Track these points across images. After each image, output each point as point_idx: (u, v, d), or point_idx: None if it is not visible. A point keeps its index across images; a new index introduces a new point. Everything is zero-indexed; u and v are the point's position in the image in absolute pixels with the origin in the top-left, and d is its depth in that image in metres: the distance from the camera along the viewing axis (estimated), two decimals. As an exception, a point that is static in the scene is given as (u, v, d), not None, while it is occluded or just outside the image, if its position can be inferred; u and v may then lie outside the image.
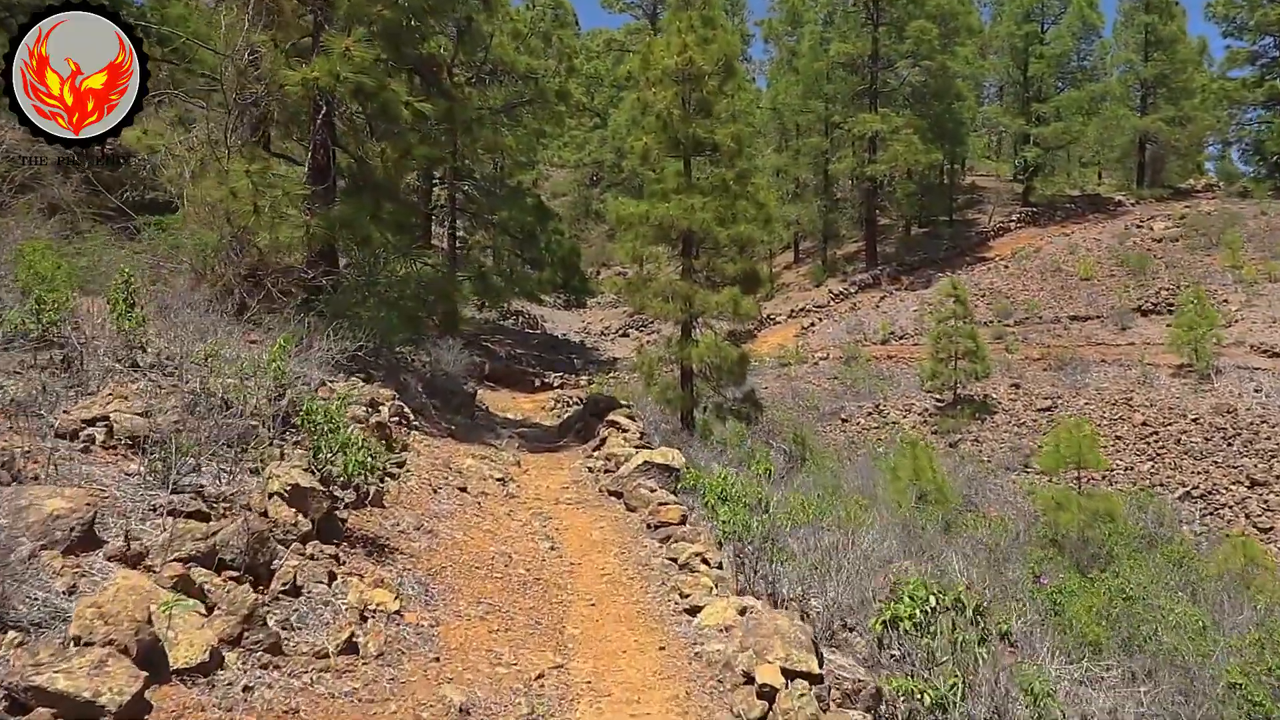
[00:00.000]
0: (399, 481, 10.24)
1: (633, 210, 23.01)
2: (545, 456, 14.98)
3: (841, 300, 44.43)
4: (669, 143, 23.61)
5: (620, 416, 15.24)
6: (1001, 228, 48.50)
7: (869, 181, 45.07)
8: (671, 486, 11.76)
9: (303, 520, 6.97)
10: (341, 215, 13.40)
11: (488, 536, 9.49)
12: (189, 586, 5.04)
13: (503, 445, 15.09)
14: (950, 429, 31.29)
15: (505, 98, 35.86)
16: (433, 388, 17.17)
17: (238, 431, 8.56)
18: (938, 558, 15.30)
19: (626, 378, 34.02)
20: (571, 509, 11.45)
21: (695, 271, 23.68)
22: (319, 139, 14.92)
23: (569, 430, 17.45)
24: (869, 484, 22.57)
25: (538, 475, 13.33)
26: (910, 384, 34.64)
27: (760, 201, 24.94)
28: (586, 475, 13.27)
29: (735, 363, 23.19)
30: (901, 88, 46.65)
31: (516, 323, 45.13)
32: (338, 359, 13.46)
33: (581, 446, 15.74)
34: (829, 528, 13.63)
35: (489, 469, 12.66)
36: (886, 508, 20.24)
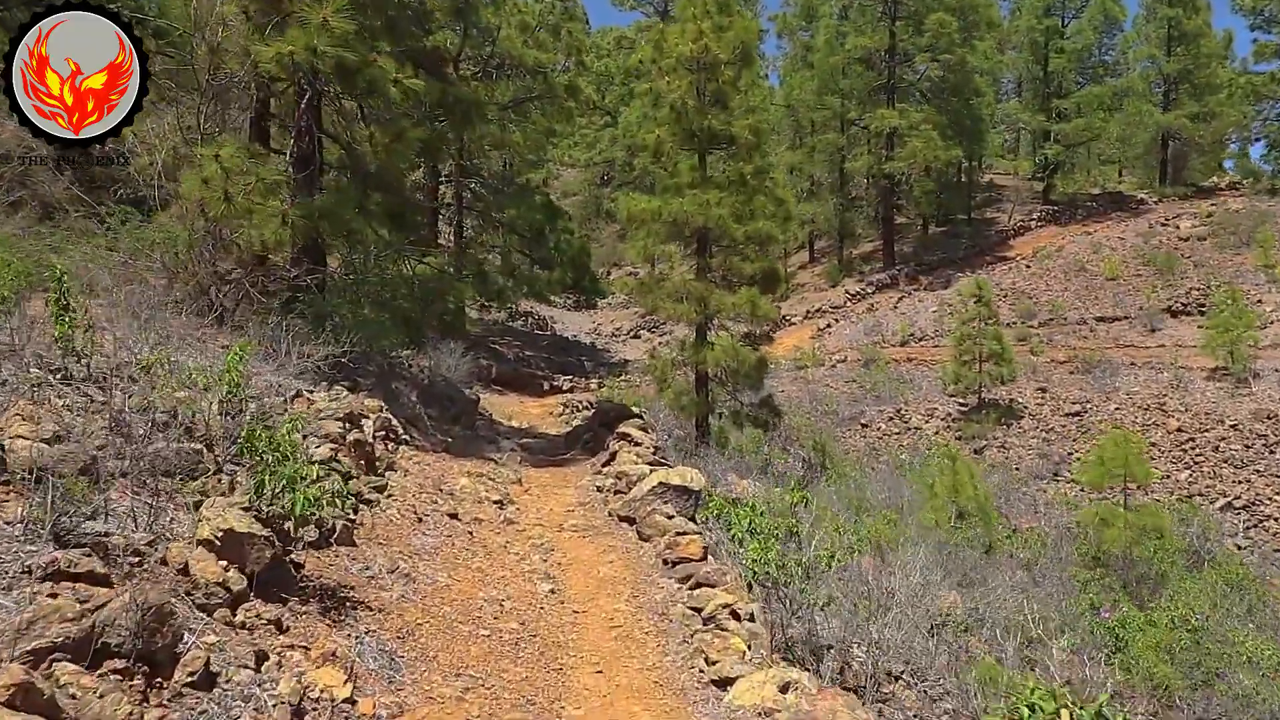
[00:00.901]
0: (377, 510, 8.78)
1: (644, 206, 21.59)
2: (550, 472, 13.50)
3: (858, 301, 42.85)
4: (683, 135, 22.20)
5: (632, 428, 13.75)
6: (1021, 226, 46.84)
7: (886, 179, 43.45)
8: (690, 511, 10.27)
9: (234, 576, 5.51)
10: (323, 206, 11.94)
11: (477, 577, 8.01)
12: (35, 699, 3.57)
13: (504, 459, 13.62)
14: (975, 435, 29.72)
15: (514, 93, 34.49)
16: (430, 395, 15.71)
17: (178, 458, 7.11)
18: (983, 584, 13.81)
19: (638, 381, 32.56)
20: (577, 538, 9.97)
21: (710, 271, 22.26)
22: (303, 125, 13.47)
23: (577, 441, 15.98)
24: (895, 495, 21.06)
25: (541, 495, 11.85)
26: (932, 387, 33.08)
27: (779, 197, 23.45)
28: (595, 495, 11.79)
29: (753, 366, 21.74)
30: (919, 83, 45.00)
31: (525, 324, 43.69)
32: (319, 366, 12.04)
33: (590, 460, 14.26)
34: (862, 549, 12.18)
35: (486, 489, 11.19)
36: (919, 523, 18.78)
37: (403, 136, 12.67)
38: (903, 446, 29.74)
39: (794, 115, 49.24)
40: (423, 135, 13.08)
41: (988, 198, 51.55)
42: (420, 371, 17.63)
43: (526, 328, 42.99)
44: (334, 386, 12.23)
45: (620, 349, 41.76)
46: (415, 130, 13.02)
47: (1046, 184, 48.86)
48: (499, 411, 24.03)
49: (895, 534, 16.46)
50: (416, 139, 13.03)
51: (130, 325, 11.35)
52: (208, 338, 12.44)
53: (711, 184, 21.70)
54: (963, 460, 15.75)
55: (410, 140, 12.89)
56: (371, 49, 12.48)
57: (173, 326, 11.62)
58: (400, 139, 12.66)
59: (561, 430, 20.37)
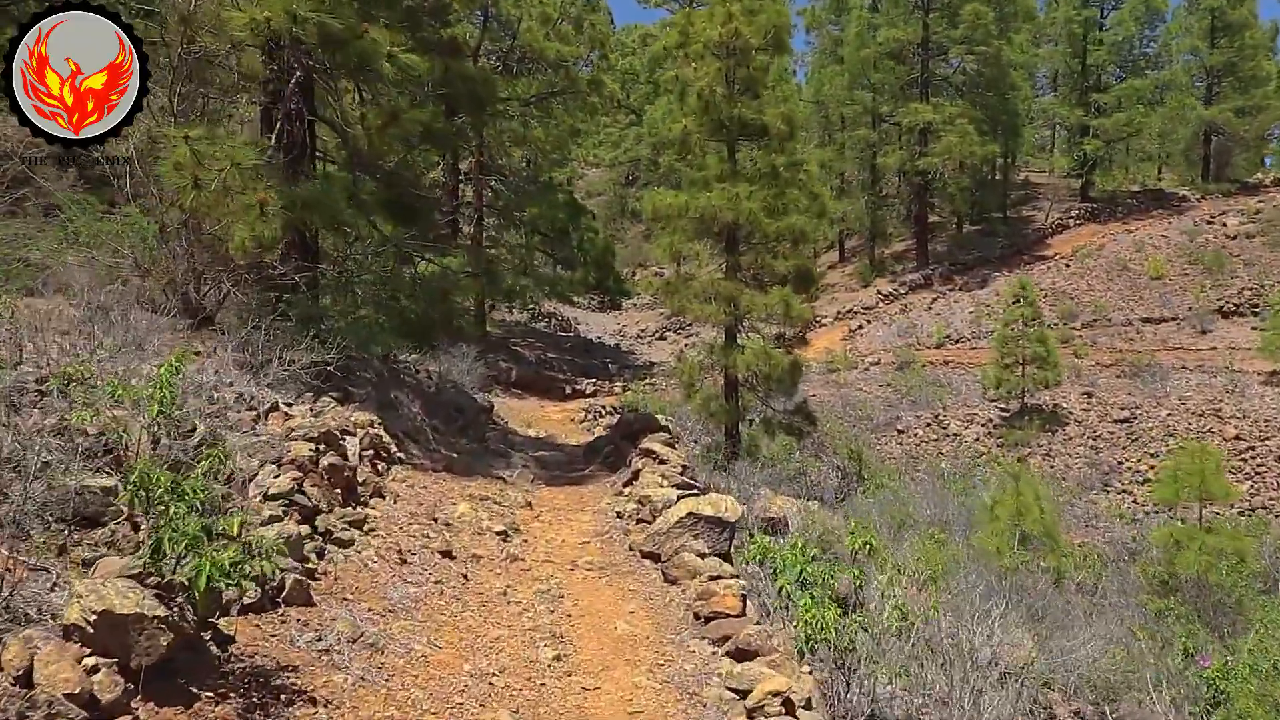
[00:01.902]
0: (351, 552, 7.21)
1: (671, 201, 20.03)
2: (566, 493, 11.90)
3: (891, 301, 41.00)
4: (711, 126, 20.62)
5: (657, 443, 12.11)
6: (1059, 225, 44.78)
7: (920, 176, 41.53)
8: (724, 546, 8.64)
9: (106, 680, 3.95)
10: (308, 195, 10.40)
11: (465, 641, 6.41)
12: None
13: (514, 477, 12.04)
14: (1018, 442, 27.87)
15: (536, 89, 33.02)
16: (435, 404, 14.16)
17: (82, 500, 5.57)
18: (1055, 620, 12.10)
19: (664, 384, 30.96)
20: (592, 579, 8.36)
21: (740, 269, 20.65)
22: (293, 107, 11.96)
23: (597, 455, 14.38)
24: (940, 509, 19.32)
25: (553, 522, 10.25)
26: (971, 392, 31.23)
27: (813, 191, 21.81)
28: (614, 523, 10.17)
29: (786, 371, 20.08)
30: (954, 76, 43.07)
31: (549, 325, 42.18)
32: (304, 375, 10.51)
33: (610, 478, 12.66)
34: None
35: (489, 516, 9.60)
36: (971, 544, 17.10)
37: (398, 119, 11.11)
38: (942, 454, 27.96)
39: (823, 111, 47.39)
40: (423, 117, 11.49)
41: (1023, 195, 49.46)
42: (428, 378, 16.10)
43: (549, 329, 41.49)
44: (321, 398, 10.70)
45: (646, 351, 40.17)
46: (414, 112, 11.44)
47: (1085, 181, 46.73)
48: (516, 418, 22.49)
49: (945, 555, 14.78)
50: (415, 122, 11.45)
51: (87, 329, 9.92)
52: (181, 343, 10.95)
53: (741, 177, 20.13)
54: (1028, 478, 13.99)
55: (408, 123, 11.33)
56: (366, 18, 10.95)
57: (142, 331, 10.15)
58: (395, 121, 11.10)
59: (582, 440, 18.81)
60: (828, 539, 13.80)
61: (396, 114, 11.23)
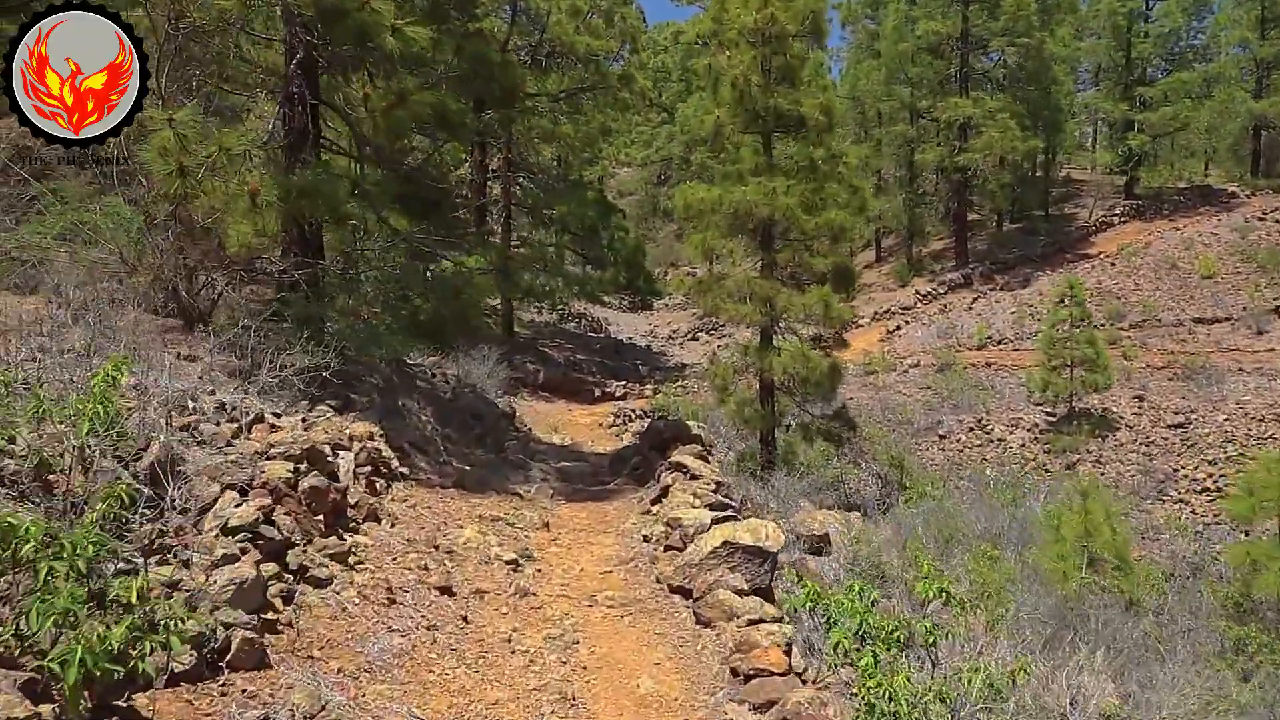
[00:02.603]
0: (328, 592, 6.09)
1: (703, 196, 18.84)
2: (588, 510, 10.73)
3: (930, 301, 39.50)
4: (745, 117, 19.41)
5: (688, 456, 10.92)
6: (1103, 222, 43.01)
7: (959, 172, 39.95)
8: (765, 580, 7.45)
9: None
10: (303, 184, 9.31)
11: (454, 711, 5.26)
12: None
13: (532, 492, 10.90)
14: (1066, 448, 26.40)
15: (566, 85, 31.94)
16: (450, 411, 13.06)
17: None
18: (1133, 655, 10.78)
19: (696, 386, 29.73)
20: (613, 618, 7.19)
21: (777, 267, 19.42)
22: (294, 90, 10.90)
23: (623, 466, 13.21)
24: (990, 521, 17.95)
25: (572, 546, 9.09)
26: (1015, 395, 29.74)
27: (853, 185, 20.48)
28: (640, 547, 9.00)
29: (825, 374, 18.82)
30: (994, 70, 41.48)
31: (579, 326, 41.10)
32: (299, 381, 9.43)
33: (638, 493, 11.50)
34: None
35: (499, 541, 8.46)
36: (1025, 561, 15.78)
37: (405, 100, 10.01)
38: (986, 460, 26.54)
39: (859, 107, 45.88)
40: (432, 100, 10.38)
41: (1065, 193, 47.70)
42: (445, 382, 15.01)
43: (579, 330, 40.42)
44: (317, 407, 9.61)
45: (677, 352, 39.01)
46: (423, 94, 10.33)
47: (1129, 177, 44.89)
48: (542, 423, 21.36)
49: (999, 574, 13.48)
50: (424, 104, 10.33)
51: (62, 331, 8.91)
52: (167, 348, 9.91)
53: (778, 171, 18.92)
54: (1097, 496, 12.63)
55: (416, 105, 10.21)
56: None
57: (121, 332, 9.12)
58: (402, 103, 10.00)
59: (609, 447, 17.63)
60: (875, 559, 12.58)
61: (404, 95, 10.12)
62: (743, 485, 15.25)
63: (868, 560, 12.40)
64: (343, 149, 12.06)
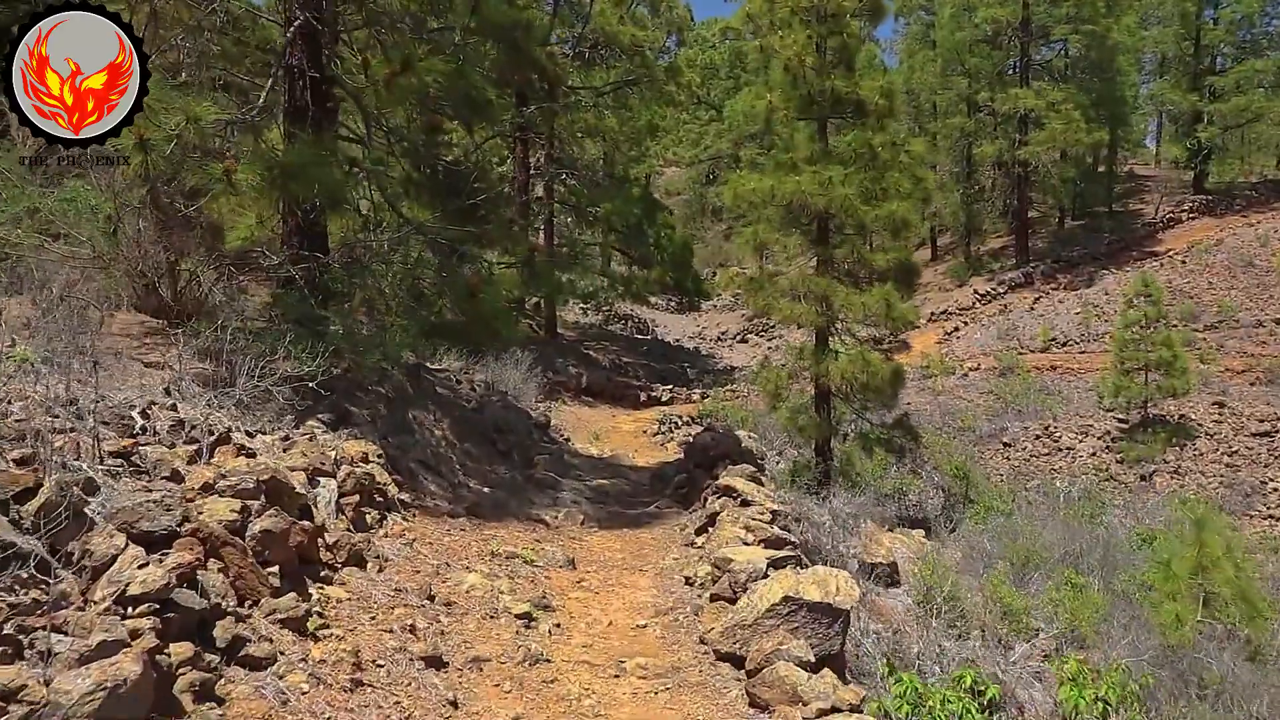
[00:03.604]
0: (268, 677, 4.57)
1: (755, 187, 17.20)
2: (623, 540, 9.15)
3: (989, 301, 37.41)
4: (799, 102, 17.73)
5: (739, 479, 9.28)
6: (1170, 218, 40.55)
7: (1020, 167, 37.78)
8: (835, 646, 5.83)
9: None
10: (287, 163, 7.85)
11: None
12: None
13: (559, 518, 9.35)
14: (1141, 457, 24.32)
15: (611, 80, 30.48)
16: (472, 423, 11.56)
17: None
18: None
19: (745, 391, 28.07)
20: (644, 699, 5.59)
21: (834, 263, 17.73)
22: (294, 62, 9.49)
23: (666, 485, 11.61)
24: (1068, 539, 16.05)
25: (600, 589, 7.51)
26: (1083, 401, 27.66)
27: (916, 175, 18.69)
28: (683, 591, 7.40)
29: (887, 380, 17.07)
30: (1056, 60, 39.23)
31: (624, 328, 39.58)
32: (286, 391, 7.97)
33: (681, 518, 9.90)
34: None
35: (511, 587, 6.92)
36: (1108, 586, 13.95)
37: (411, 66, 8.49)
38: (1055, 471, 24.54)
39: (914, 100, 43.77)
40: (445, 69, 8.88)
41: (1128, 188, 45.20)
42: (472, 390, 13.52)
43: (625, 331, 38.90)
44: (306, 421, 8.15)
45: (726, 354, 37.36)
46: (433, 61, 8.82)
47: (1198, 171, 42.28)
48: (582, 431, 19.82)
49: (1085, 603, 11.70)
50: (436, 74, 8.83)
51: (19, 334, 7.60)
52: (139, 353, 8.52)
53: (834, 159, 17.20)
54: (1213, 530, 10.73)
55: (424, 73, 8.71)
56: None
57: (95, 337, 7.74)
58: (408, 69, 8.47)
59: (652, 459, 16.04)
60: (953, 594, 10.86)
61: (409, 62, 8.59)
62: (797, 502, 13.63)
63: (944, 594, 10.71)
64: (354, 132, 10.65)
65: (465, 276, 9.22)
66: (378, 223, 9.89)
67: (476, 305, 9.37)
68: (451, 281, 9.42)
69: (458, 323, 10.16)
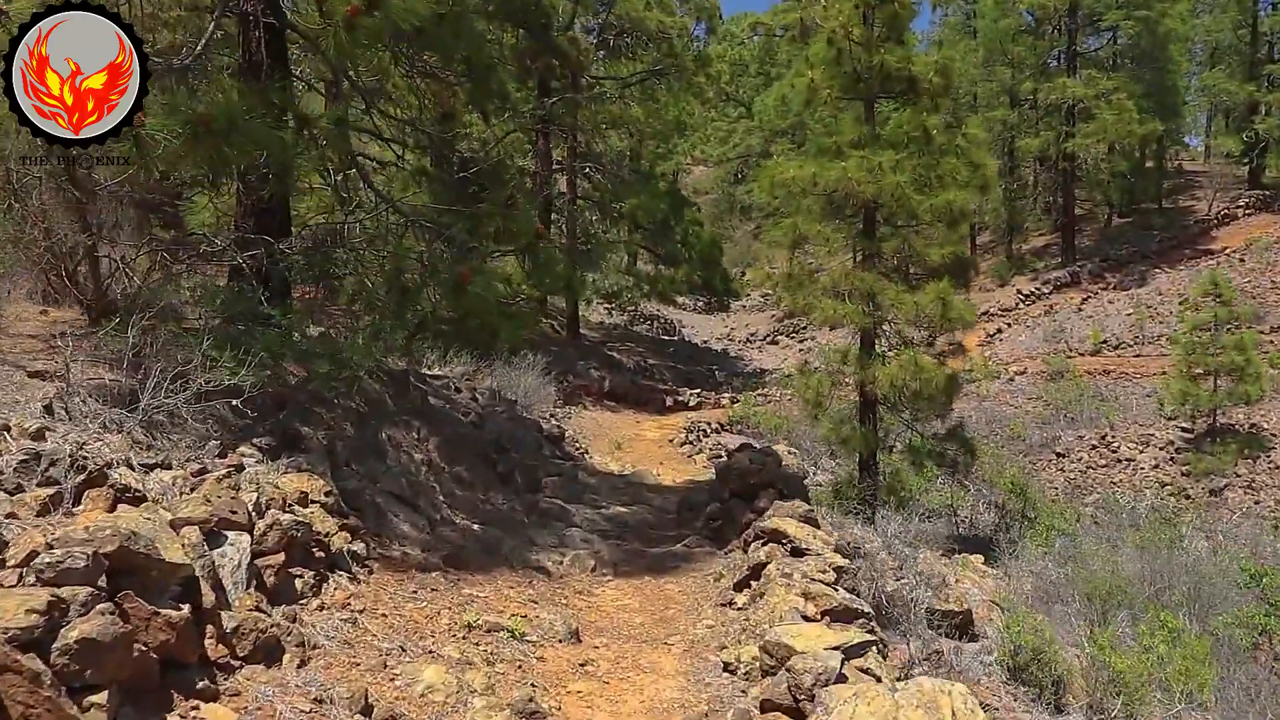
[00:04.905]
0: None
1: (795, 174, 15.27)
2: (643, 594, 7.20)
3: (1033, 302, 35.14)
4: (844, 80, 15.81)
5: (790, 520, 7.27)
6: (1225, 215, 38.03)
7: (1067, 160, 35.45)
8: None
9: None
10: (207, 114, 5.95)
11: None
12: None
13: (564, 564, 7.43)
14: (1210, 470, 22.09)
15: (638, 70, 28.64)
16: (466, 440, 9.66)
17: None
18: None
19: (777, 395, 26.09)
20: None
21: (882, 258, 15.78)
22: (247, 9, 7.65)
23: (695, 515, 9.64)
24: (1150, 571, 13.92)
25: (610, 678, 5.56)
26: (1142, 407, 25.44)
27: (974, 161, 16.63)
28: (720, 685, 5.45)
29: (941, 387, 15.04)
30: (1105, 49, 36.86)
31: (651, 328, 37.65)
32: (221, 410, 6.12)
33: (714, 563, 7.94)
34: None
35: (487, 680, 5.00)
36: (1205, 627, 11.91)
37: (377, 5, 6.58)
38: (1114, 484, 22.38)
39: (953, 93, 41.42)
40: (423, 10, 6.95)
41: (1176, 184, 42.65)
42: (473, 399, 11.62)
43: (651, 333, 36.96)
44: (240, 447, 6.28)
45: (756, 357, 35.35)
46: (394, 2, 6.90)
47: (1254, 165, 39.66)
48: (603, 439, 17.92)
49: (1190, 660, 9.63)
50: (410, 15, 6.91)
51: None
52: (32, 360, 6.68)
53: (883, 142, 15.23)
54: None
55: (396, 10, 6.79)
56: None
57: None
58: (373, 9, 6.57)
59: (679, 477, 14.08)
60: (1045, 654, 8.84)
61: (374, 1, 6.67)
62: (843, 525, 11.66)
63: (1034, 653, 8.69)
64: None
65: (449, 266, 7.32)
66: (347, 200, 8.01)
67: (466, 300, 7.44)
68: (434, 271, 7.50)
69: (446, 321, 8.26)
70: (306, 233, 8.34)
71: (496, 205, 7.60)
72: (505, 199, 7.66)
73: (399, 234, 8.23)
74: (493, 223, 7.47)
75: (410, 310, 8.13)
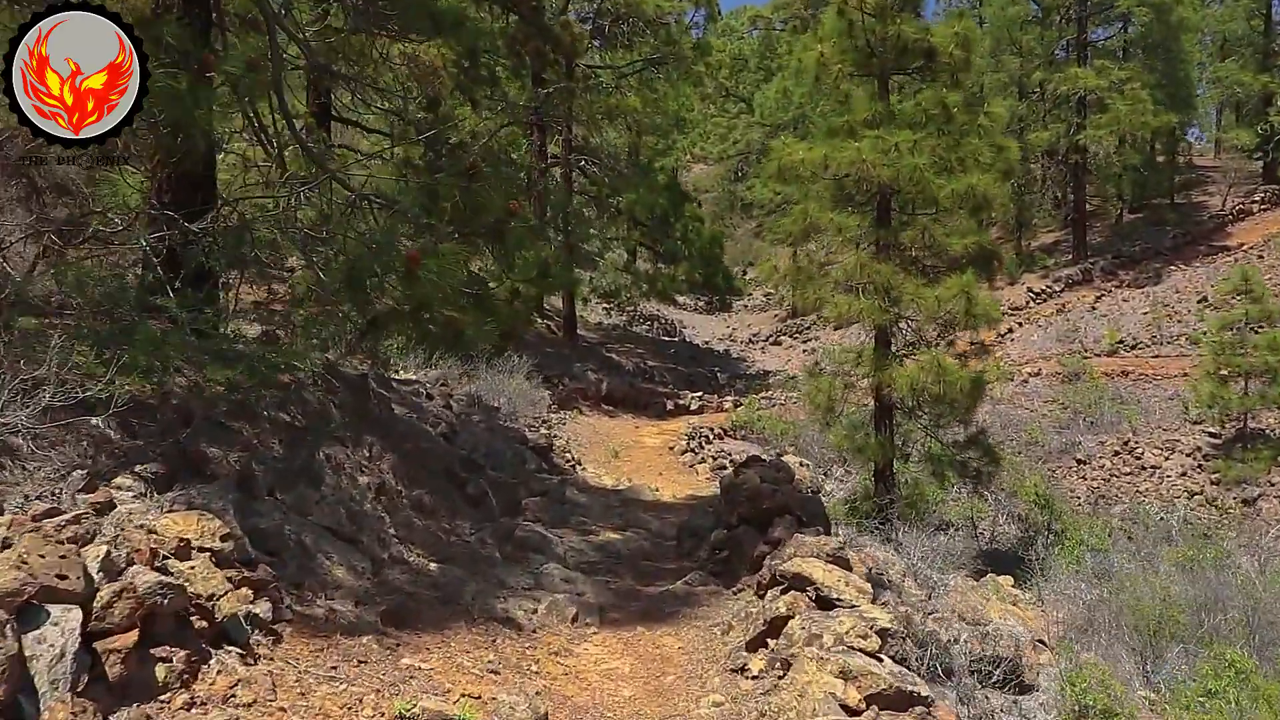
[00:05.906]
0: None
1: (804, 156, 13.93)
2: (633, 652, 5.74)
3: (1044, 300, 33.71)
4: (857, 54, 14.50)
5: (816, 565, 5.75)
6: (1240, 210, 36.59)
7: (1078, 153, 34.02)
8: None
9: None
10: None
11: None
12: None
13: (539, 614, 5.97)
14: (1240, 478, 20.62)
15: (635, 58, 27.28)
16: (432, 456, 8.20)
17: None
18: None
19: (781, 397, 24.69)
20: None
21: (900, 248, 14.42)
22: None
23: (698, 545, 8.18)
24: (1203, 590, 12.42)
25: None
26: (1165, 411, 23.96)
27: (998, 142, 15.23)
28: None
29: (966, 391, 13.63)
30: (1116, 39, 35.42)
31: (650, 329, 36.23)
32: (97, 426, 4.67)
33: (720, 607, 6.50)
34: None
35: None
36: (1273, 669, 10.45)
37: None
38: (1140, 493, 20.91)
39: (974, 67, 39.94)
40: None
41: (1188, 179, 41.20)
42: (447, 406, 10.15)
43: (651, 333, 35.54)
44: (116, 478, 4.83)
45: (758, 358, 33.90)
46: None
47: (1269, 159, 38.18)
48: (598, 447, 16.47)
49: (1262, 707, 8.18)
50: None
51: None
52: None
53: (899, 121, 13.87)
54: None
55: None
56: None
57: None
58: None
59: (679, 493, 12.64)
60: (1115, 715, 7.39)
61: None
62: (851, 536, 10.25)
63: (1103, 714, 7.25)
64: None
65: (394, 249, 5.89)
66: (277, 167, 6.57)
67: (419, 288, 6.02)
68: (379, 255, 6.04)
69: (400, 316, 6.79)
70: (236, 210, 6.87)
71: (455, 175, 6.15)
72: (467, 168, 6.19)
73: (345, 211, 6.78)
74: (449, 196, 6.01)
75: (358, 303, 6.67)
